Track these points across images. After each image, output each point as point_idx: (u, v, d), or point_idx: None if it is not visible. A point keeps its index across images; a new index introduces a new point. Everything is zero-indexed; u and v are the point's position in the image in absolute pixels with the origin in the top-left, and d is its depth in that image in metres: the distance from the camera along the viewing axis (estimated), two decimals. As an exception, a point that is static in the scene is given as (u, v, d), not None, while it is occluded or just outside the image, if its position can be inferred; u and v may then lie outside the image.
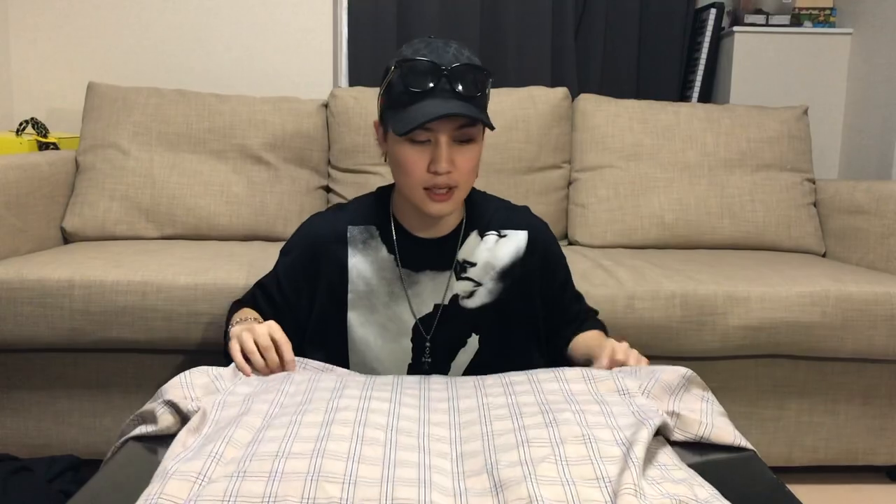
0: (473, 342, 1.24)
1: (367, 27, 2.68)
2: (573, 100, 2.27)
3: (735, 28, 2.66)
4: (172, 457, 0.77)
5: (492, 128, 1.09)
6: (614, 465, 0.75)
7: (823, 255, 2.14)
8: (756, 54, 2.66)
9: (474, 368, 1.25)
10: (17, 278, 1.55)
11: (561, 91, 2.19)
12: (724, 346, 1.63)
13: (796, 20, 2.71)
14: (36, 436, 1.67)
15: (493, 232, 1.25)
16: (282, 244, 1.98)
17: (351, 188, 2.11)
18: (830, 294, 1.64)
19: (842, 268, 1.85)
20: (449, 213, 1.16)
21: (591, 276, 1.68)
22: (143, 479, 0.80)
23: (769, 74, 2.68)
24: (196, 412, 0.89)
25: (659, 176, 2.14)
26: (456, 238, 1.23)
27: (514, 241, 1.25)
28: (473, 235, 1.24)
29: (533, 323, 1.27)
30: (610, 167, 2.16)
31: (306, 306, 1.25)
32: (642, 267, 1.76)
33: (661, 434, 0.92)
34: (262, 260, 1.70)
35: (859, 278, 1.70)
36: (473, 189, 1.27)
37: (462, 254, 1.23)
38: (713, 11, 2.72)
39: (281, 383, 0.97)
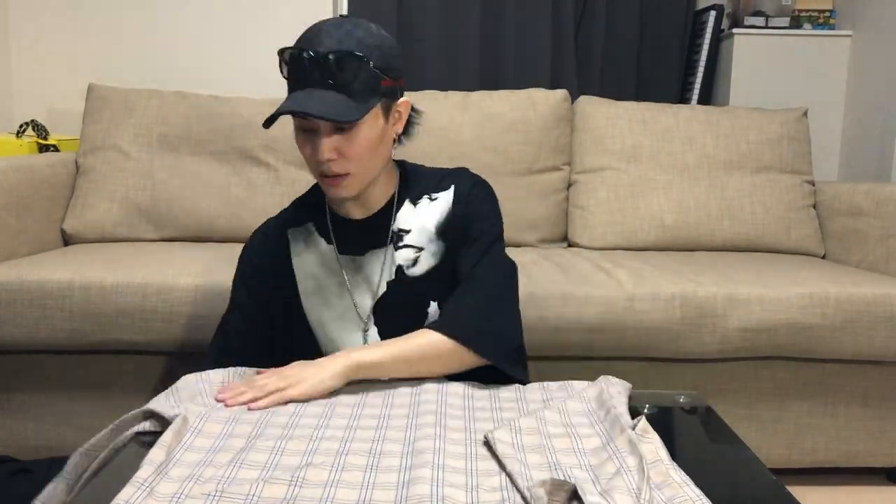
0: (434, 312, 1.19)
1: (367, 29, 2.68)
2: (573, 101, 2.27)
3: (735, 30, 2.66)
4: (152, 463, 0.77)
5: (352, 120, 1.02)
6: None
7: (823, 257, 2.14)
8: (756, 56, 2.67)
9: None
10: (17, 280, 1.55)
11: (560, 93, 2.19)
12: (724, 348, 1.63)
13: (796, 22, 2.71)
14: (36, 437, 1.67)
15: (426, 196, 1.22)
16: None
17: (351, 190, 2.11)
18: (830, 296, 1.64)
19: (841, 269, 1.85)
20: (348, 198, 1.13)
21: (591, 277, 1.68)
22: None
23: (769, 76, 2.68)
24: (177, 417, 0.89)
25: (659, 178, 2.14)
26: (389, 211, 1.20)
27: (445, 199, 1.21)
28: (406, 204, 1.21)
29: None
30: (610, 169, 2.16)
31: (272, 309, 1.22)
32: (642, 269, 1.76)
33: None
34: (261, 261, 1.70)
35: (859, 280, 1.70)
36: (406, 163, 1.25)
37: (396, 224, 1.20)
38: (713, 13, 2.73)
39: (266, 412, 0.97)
